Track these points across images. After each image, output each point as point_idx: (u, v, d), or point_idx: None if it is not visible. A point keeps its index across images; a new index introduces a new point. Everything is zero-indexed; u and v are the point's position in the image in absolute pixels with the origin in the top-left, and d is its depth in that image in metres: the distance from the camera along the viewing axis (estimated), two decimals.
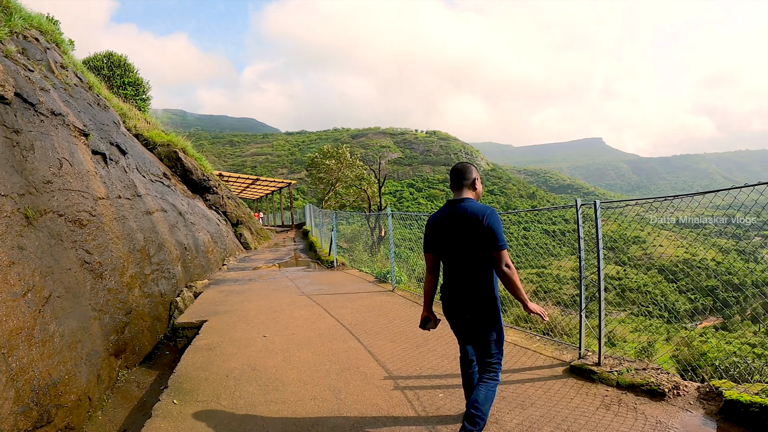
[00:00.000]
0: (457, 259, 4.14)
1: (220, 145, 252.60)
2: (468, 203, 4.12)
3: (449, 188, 4.48)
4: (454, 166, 4.42)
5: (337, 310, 9.54)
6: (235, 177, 41.71)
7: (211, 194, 22.47)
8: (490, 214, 3.99)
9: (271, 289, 12.22)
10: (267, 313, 9.44)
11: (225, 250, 18.72)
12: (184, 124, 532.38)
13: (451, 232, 4.14)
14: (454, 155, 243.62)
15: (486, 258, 4.00)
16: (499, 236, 3.92)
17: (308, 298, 10.85)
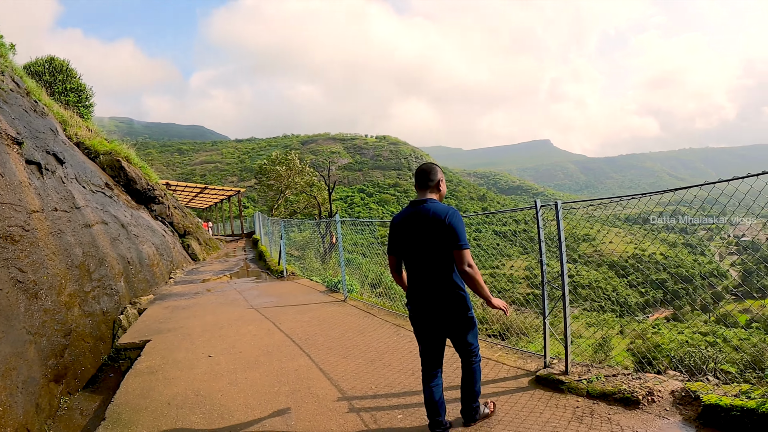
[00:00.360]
0: (423, 259, 4.20)
1: (168, 154, 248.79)
2: (431, 204, 4.18)
3: (414, 188, 4.56)
4: (420, 166, 4.48)
5: (286, 323, 9.23)
6: (183, 186, 40.91)
7: (156, 204, 21.87)
8: (452, 214, 4.09)
9: (218, 303, 11.85)
10: (213, 330, 9.08)
11: (172, 262, 18.19)
12: (131, 132, 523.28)
13: (414, 233, 4.20)
14: (404, 160, 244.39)
15: (451, 257, 4.10)
16: (460, 236, 4.01)
17: (257, 312, 10.51)
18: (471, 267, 4.02)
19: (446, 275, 4.15)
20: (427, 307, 4.21)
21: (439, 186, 4.41)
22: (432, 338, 4.33)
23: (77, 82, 26.78)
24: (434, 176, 4.40)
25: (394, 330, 8.21)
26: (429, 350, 4.36)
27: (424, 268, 4.21)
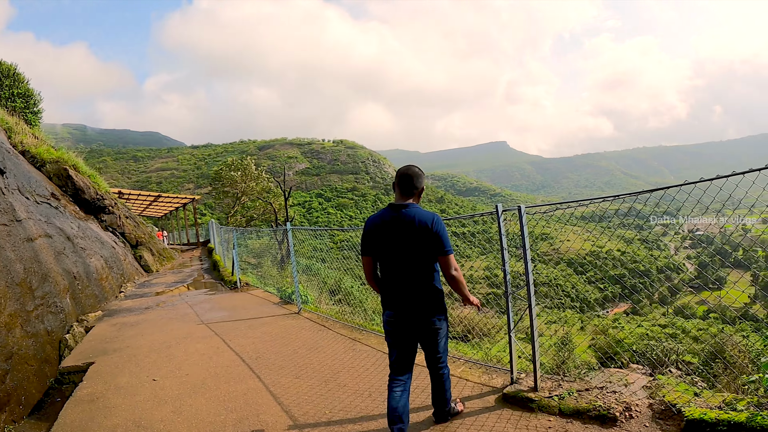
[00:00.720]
0: (406, 265, 4.20)
1: (123, 161, 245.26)
2: (414, 209, 4.24)
3: (392, 189, 4.50)
4: (405, 170, 4.46)
5: (237, 340, 8.79)
6: (136, 194, 40.07)
7: (107, 214, 21.17)
8: (437, 221, 4.18)
9: (168, 319, 11.34)
10: (160, 350, 8.56)
11: (122, 275, 17.56)
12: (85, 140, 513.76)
13: (397, 238, 4.20)
14: (362, 163, 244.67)
15: (431, 262, 4.21)
16: (446, 242, 4.13)
17: (207, 328, 10.06)
18: (457, 271, 4.13)
19: (428, 281, 4.20)
20: (409, 312, 4.20)
21: (421, 193, 4.46)
22: (407, 344, 4.31)
23: (25, 87, 25.94)
24: (419, 183, 4.44)
25: (350, 345, 7.86)
26: (402, 356, 4.32)
27: (407, 274, 4.20)
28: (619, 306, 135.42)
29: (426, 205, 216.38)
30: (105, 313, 12.50)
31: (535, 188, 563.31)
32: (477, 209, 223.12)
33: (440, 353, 4.41)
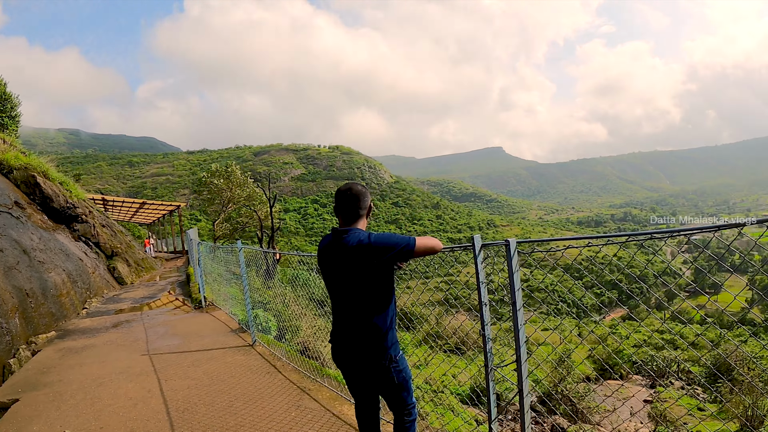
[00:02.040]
0: (348, 297, 3.58)
1: (119, 167, 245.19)
2: (354, 234, 3.52)
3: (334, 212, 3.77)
4: (346, 189, 3.70)
5: (173, 381, 7.62)
6: (120, 201, 39.12)
7: (80, 223, 20.08)
8: (374, 234, 3.46)
9: (115, 345, 10.21)
10: (89, 389, 7.45)
11: (89, 289, 16.47)
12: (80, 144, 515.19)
13: (335, 267, 3.59)
14: (358, 169, 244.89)
15: (381, 294, 3.53)
16: (395, 241, 3.40)
17: (149, 361, 8.90)
18: (426, 245, 3.49)
19: (370, 321, 3.50)
20: (348, 357, 3.60)
21: (369, 213, 3.75)
22: (359, 390, 3.82)
23: (2, 89, 25.03)
24: (365, 203, 3.68)
25: (296, 397, 6.57)
26: (360, 405, 3.88)
27: (347, 309, 3.61)
28: (615, 311, 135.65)
29: (422, 210, 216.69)
30: (58, 334, 11.44)
31: (531, 194, 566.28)
32: (473, 215, 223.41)
33: (401, 401, 3.72)
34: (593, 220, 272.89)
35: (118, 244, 23.75)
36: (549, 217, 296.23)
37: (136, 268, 24.45)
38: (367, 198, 3.70)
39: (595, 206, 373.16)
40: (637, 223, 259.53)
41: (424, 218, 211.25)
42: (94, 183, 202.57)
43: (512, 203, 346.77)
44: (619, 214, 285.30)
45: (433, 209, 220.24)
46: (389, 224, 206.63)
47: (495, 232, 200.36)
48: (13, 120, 25.82)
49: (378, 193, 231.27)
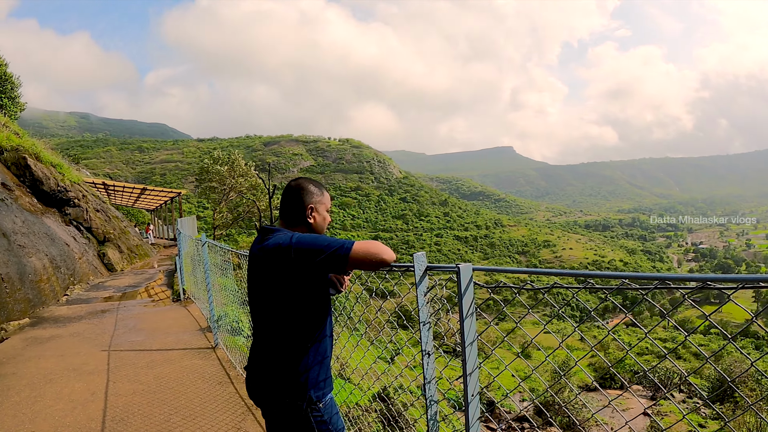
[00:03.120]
0: (263, 316, 2.76)
1: (128, 152, 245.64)
2: (280, 235, 2.66)
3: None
4: (290, 182, 2.96)
5: (121, 384, 7.02)
6: (121, 187, 38.73)
7: (72, 207, 19.65)
8: (296, 235, 2.59)
9: (81, 338, 9.70)
10: (37, 385, 6.98)
11: (73, 275, 15.99)
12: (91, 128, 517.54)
13: (256, 276, 2.75)
14: (367, 163, 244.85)
15: (305, 315, 2.66)
16: (321, 244, 2.49)
17: (106, 358, 8.33)
18: (361, 250, 2.46)
19: (287, 350, 2.65)
20: (258, 393, 2.75)
21: (310, 217, 2.84)
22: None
23: (2, 70, 24.71)
24: (305, 200, 2.84)
25: (240, 417, 5.80)
26: None
27: (262, 331, 2.76)
28: (618, 317, 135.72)
29: (430, 207, 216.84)
30: (32, 322, 10.98)
31: (539, 195, 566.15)
32: (481, 213, 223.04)
33: None
34: (601, 224, 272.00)
35: (112, 230, 23.31)
36: (557, 219, 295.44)
37: (128, 255, 24.00)
38: (312, 196, 2.88)
39: (604, 210, 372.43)
40: (644, 229, 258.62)
41: (432, 215, 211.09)
42: (103, 167, 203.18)
43: (520, 203, 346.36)
44: (627, 219, 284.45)
45: (440, 206, 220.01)
46: (396, 219, 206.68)
47: (502, 231, 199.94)
48: (13, 101, 25.52)
49: (386, 188, 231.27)
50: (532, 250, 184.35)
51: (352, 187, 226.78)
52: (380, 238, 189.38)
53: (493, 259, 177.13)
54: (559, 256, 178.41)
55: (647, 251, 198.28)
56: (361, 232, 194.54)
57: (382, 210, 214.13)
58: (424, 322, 3.05)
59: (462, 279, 2.63)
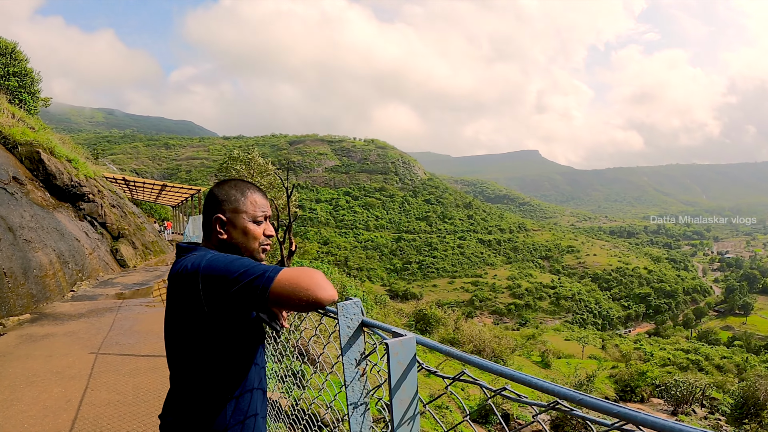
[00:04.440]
0: (170, 355, 2.18)
1: (155, 148, 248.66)
2: (195, 256, 2.08)
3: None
4: (213, 186, 2.37)
5: (98, 392, 6.65)
6: (141, 182, 38.83)
7: (86, 202, 19.51)
8: (208, 258, 1.99)
9: (75, 337, 9.39)
10: (18, 387, 6.69)
11: (81, 271, 15.79)
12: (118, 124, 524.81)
13: (166, 312, 2.17)
14: (392, 164, 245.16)
15: (217, 361, 2.07)
16: (235, 270, 1.88)
17: (92, 361, 7.99)
18: (299, 288, 1.82)
19: (196, 401, 2.09)
20: None
21: (219, 231, 2.24)
22: None
23: (23, 66, 24.84)
24: (214, 207, 2.26)
25: None
26: None
27: (172, 373, 2.20)
28: (641, 326, 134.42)
29: (453, 209, 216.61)
30: (32, 318, 10.74)
31: (565, 199, 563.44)
32: (504, 217, 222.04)
33: None
34: (626, 231, 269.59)
35: (126, 226, 23.20)
36: (581, 224, 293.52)
37: (143, 251, 23.85)
38: (222, 203, 2.25)
39: (629, 216, 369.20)
40: (669, 237, 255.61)
41: (455, 217, 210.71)
42: (130, 163, 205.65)
43: (545, 208, 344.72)
44: (653, 227, 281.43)
45: (464, 209, 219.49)
46: (420, 221, 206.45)
47: (526, 235, 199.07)
48: (33, 96, 25.60)
49: (411, 189, 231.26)
50: (555, 256, 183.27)
51: (377, 188, 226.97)
52: (403, 240, 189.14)
53: (516, 263, 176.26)
54: (582, 262, 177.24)
55: (672, 259, 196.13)
56: (385, 233, 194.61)
57: (406, 211, 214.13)
58: (356, 403, 2.15)
59: (393, 358, 1.75)
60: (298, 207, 37.83)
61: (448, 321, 32.68)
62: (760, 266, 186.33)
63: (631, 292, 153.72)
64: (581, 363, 39.60)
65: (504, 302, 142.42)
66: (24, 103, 24.27)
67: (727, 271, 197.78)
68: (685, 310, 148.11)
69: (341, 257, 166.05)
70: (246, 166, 31.93)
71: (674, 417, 25.02)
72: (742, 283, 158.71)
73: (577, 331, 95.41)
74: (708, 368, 50.10)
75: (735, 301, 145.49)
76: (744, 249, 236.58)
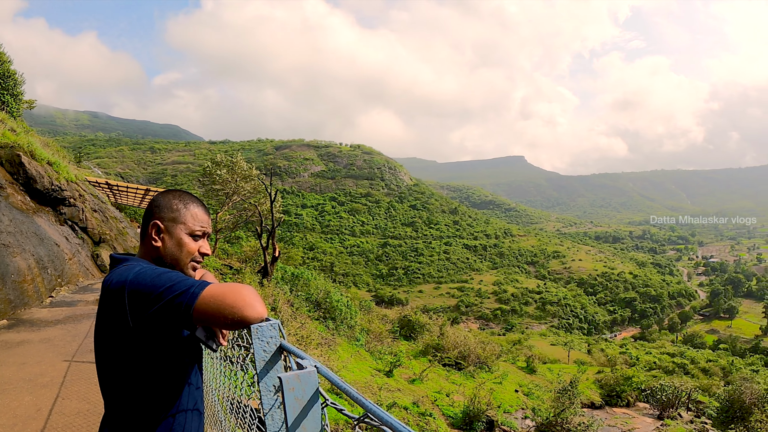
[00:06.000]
0: (102, 381, 2.07)
1: (141, 152, 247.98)
2: (126, 269, 1.95)
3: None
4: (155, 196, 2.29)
5: (69, 402, 6.47)
6: (125, 187, 38.50)
7: (67, 206, 19.26)
8: (136, 271, 1.89)
9: (50, 344, 9.17)
10: None
11: (61, 276, 15.56)
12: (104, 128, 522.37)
13: (96, 327, 2.08)
14: (378, 170, 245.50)
15: (144, 386, 1.97)
16: (160, 287, 1.78)
17: (65, 369, 7.83)
18: (225, 305, 1.71)
19: (122, 426, 1.97)
20: None
21: (155, 239, 2.17)
22: None
23: (5, 68, 24.55)
24: (144, 220, 2.22)
25: None
26: None
27: (106, 401, 2.06)
28: (627, 330, 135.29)
29: (439, 215, 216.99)
30: (9, 324, 10.54)
31: (550, 205, 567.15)
32: (491, 223, 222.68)
33: None
34: (611, 236, 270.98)
35: (108, 231, 22.94)
36: (567, 229, 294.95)
37: None
38: (162, 210, 2.18)
39: (614, 222, 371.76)
40: (654, 242, 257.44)
41: (441, 223, 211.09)
42: (115, 166, 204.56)
43: (531, 213, 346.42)
44: (638, 232, 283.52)
45: (450, 214, 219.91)
46: (406, 226, 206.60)
47: (511, 241, 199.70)
48: (16, 98, 25.35)
49: (397, 195, 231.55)
50: (541, 261, 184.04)
51: (363, 193, 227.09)
52: (389, 245, 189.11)
53: (502, 269, 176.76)
54: (568, 267, 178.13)
55: (657, 264, 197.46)
56: (370, 239, 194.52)
57: (391, 217, 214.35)
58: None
59: (288, 393, 1.63)
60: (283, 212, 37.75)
61: (434, 327, 32.54)
62: (744, 270, 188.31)
63: (616, 296, 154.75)
64: (565, 368, 39.55)
65: (490, 307, 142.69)
66: (6, 106, 24.03)
67: (711, 275, 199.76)
68: (670, 314, 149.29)
69: (327, 263, 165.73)
70: (229, 171, 31.71)
71: (660, 421, 25.06)
72: (727, 287, 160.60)
73: (563, 336, 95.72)
74: (694, 372, 50.30)
75: (720, 305, 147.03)
76: (728, 253, 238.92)
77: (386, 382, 18.37)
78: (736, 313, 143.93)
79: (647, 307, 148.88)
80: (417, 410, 15.55)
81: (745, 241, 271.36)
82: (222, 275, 21.94)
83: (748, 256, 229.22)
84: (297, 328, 16.02)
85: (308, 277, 27.80)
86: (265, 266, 23.87)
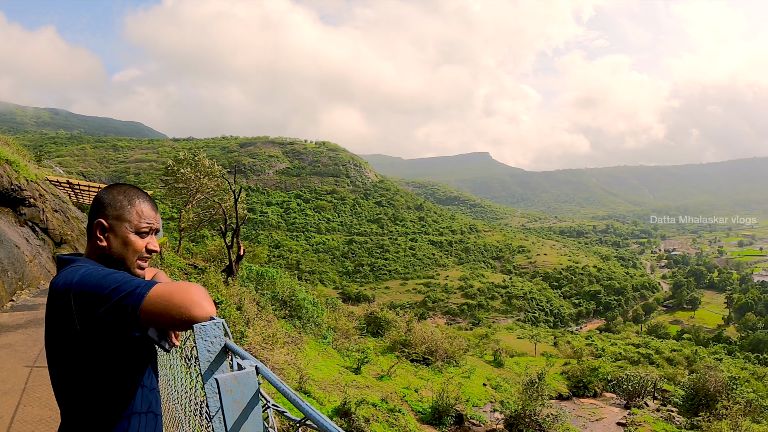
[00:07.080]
0: (54, 385, 2.01)
1: (103, 150, 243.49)
2: (72, 271, 1.91)
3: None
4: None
5: (31, 408, 6.32)
6: (86, 186, 37.77)
7: (27, 207, 18.83)
8: (82, 272, 1.85)
9: (11, 349, 8.88)
10: None
11: (22, 279, 15.20)
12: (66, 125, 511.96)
13: (45, 331, 2.01)
14: (343, 167, 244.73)
15: (94, 393, 1.91)
16: (106, 287, 1.74)
17: (27, 375, 7.59)
18: (172, 304, 1.69)
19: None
20: None
21: (99, 238, 2.09)
22: None
23: None
24: (96, 211, 2.13)
25: None
26: None
27: (60, 406, 2.01)
28: (592, 322, 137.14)
29: (405, 211, 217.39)
30: None
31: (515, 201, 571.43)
32: (456, 218, 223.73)
33: None
34: (575, 231, 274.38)
35: (70, 231, 22.49)
36: (531, 225, 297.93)
37: None
38: (106, 208, 2.09)
39: (578, 217, 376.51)
40: (618, 236, 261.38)
41: (407, 219, 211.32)
42: (77, 165, 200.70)
43: (495, 209, 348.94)
44: (602, 226, 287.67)
45: (416, 211, 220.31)
46: (371, 223, 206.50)
47: (477, 236, 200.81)
48: None
49: (362, 192, 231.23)
50: (506, 256, 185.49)
51: (328, 191, 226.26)
52: (355, 242, 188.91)
53: (468, 264, 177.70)
54: (533, 261, 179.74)
55: (621, 257, 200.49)
56: (336, 236, 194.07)
57: (357, 214, 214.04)
58: None
59: (226, 396, 1.57)
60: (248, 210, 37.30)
61: (401, 323, 32.51)
62: (706, 263, 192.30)
63: (581, 290, 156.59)
64: (532, 361, 39.91)
65: (456, 303, 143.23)
66: None
67: (674, 268, 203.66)
68: (634, 306, 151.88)
69: (293, 260, 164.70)
70: (192, 168, 31.24)
71: (627, 410, 25.44)
72: (689, 279, 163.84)
73: (529, 330, 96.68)
74: (659, 361, 51.23)
75: (683, 297, 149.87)
76: (690, 246, 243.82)
77: (354, 379, 18.33)
78: (699, 304, 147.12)
79: (612, 299, 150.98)
80: (386, 406, 15.51)
81: (707, 234, 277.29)
82: (187, 275, 21.64)
83: (710, 248, 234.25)
84: (263, 327, 15.84)
85: (274, 275, 27.55)
86: (230, 265, 23.58)
